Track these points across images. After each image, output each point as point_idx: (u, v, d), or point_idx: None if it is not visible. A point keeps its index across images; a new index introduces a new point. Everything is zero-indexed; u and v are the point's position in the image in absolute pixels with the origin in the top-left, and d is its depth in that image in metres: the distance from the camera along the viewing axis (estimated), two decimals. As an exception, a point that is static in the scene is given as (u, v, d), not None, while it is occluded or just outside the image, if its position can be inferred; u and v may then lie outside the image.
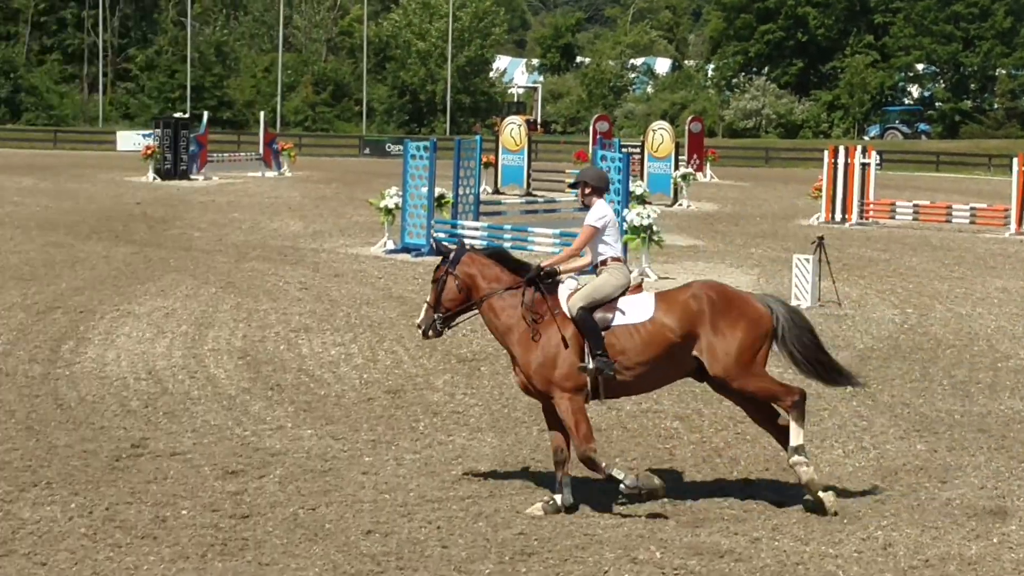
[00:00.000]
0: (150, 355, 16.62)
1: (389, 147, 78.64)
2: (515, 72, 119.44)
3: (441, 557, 9.51)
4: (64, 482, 10.91)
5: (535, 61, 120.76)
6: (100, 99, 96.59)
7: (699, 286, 11.15)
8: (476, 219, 30.07)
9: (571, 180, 11.60)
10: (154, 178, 52.02)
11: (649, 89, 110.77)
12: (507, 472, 11.74)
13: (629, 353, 10.78)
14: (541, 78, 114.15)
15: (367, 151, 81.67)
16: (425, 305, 11.34)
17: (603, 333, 10.77)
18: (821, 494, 10.76)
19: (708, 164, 59.58)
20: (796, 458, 10.79)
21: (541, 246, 26.97)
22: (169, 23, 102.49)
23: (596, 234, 11.12)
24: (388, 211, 28.73)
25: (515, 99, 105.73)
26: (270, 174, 56.66)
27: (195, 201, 42.07)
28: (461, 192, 29.71)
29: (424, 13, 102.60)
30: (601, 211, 11.18)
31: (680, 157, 48.11)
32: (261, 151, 58.20)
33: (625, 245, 10.45)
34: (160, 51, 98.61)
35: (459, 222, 28.83)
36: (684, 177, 45.17)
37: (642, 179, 41.80)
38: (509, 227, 29.06)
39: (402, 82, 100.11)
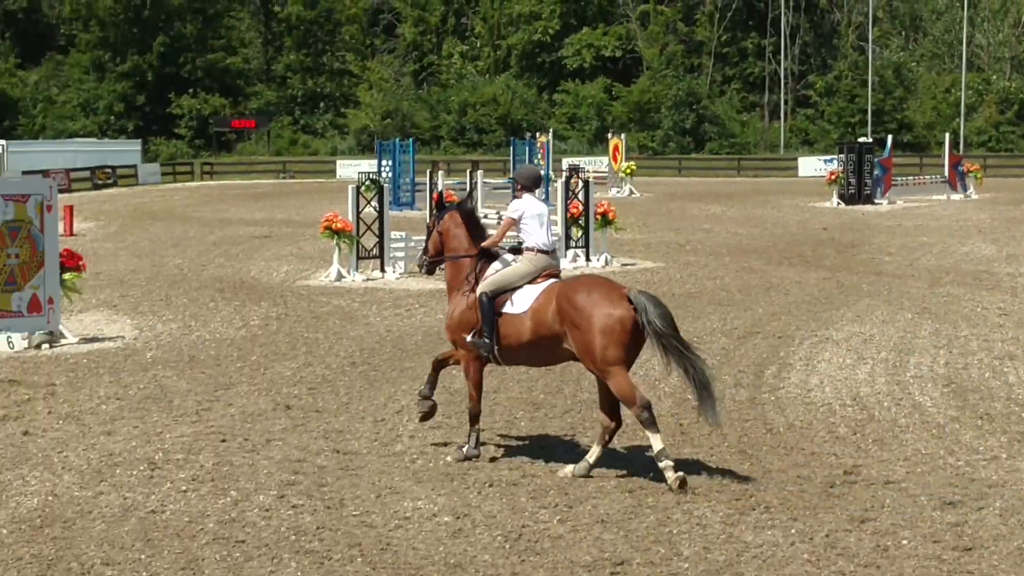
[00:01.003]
0: (852, 381, 16.54)
1: (1080, 166, 75.11)
2: None
3: None
4: (782, 507, 10.99)
5: None
6: (781, 126, 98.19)
7: (562, 286, 12.22)
8: None
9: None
10: (838, 203, 52.24)
11: None
12: None
13: (510, 339, 12.35)
14: None
15: (1057, 171, 78.47)
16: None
17: (497, 318, 12.39)
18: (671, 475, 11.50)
19: None
20: (664, 462, 11.55)
21: None
22: (849, 48, 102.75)
23: (512, 224, 12.79)
24: (1091, 233, 27.34)
25: None
26: (955, 196, 55.51)
27: (882, 225, 41.81)
28: None
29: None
30: (517, 205, 12.84)
31: None
32: (946, 173, 57.08)
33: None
34: (840, 76, 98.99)
35: None
36: None
37: None
38: None
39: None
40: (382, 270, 28.36)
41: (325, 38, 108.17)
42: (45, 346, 19.45)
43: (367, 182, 29.60)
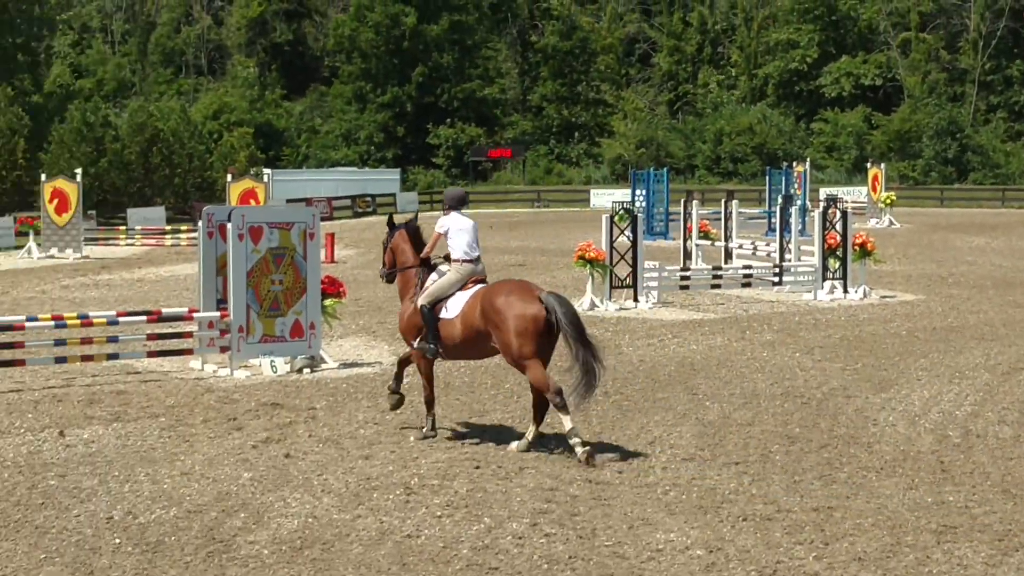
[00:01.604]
0: (1124, 421, 15.89)
1: None
2: None
3: None
4: (1048, 550, 10.61)
5: None
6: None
7: (485, 290, 14.33)
8: None
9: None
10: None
11: None
12: None
13: (447, 340, 14.56)
14: None
15: None
16: None
17: (438, 323, 14.56)
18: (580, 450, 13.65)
19: None
20: (573, 440, 13.72)
21: None
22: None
23: (440, 238, 14.94)
24: None
25: None
26: None
27: None
28: None
29: None
30: (443, 221, 14.96)
31: None
32: None
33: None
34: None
35: None
36: None
37: None
38: None
39: None
40: (635, 299, 28.38)
41: (581, 68, 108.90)
42: (306, 370, 19.98)
43: (621, 211, 29.60)
